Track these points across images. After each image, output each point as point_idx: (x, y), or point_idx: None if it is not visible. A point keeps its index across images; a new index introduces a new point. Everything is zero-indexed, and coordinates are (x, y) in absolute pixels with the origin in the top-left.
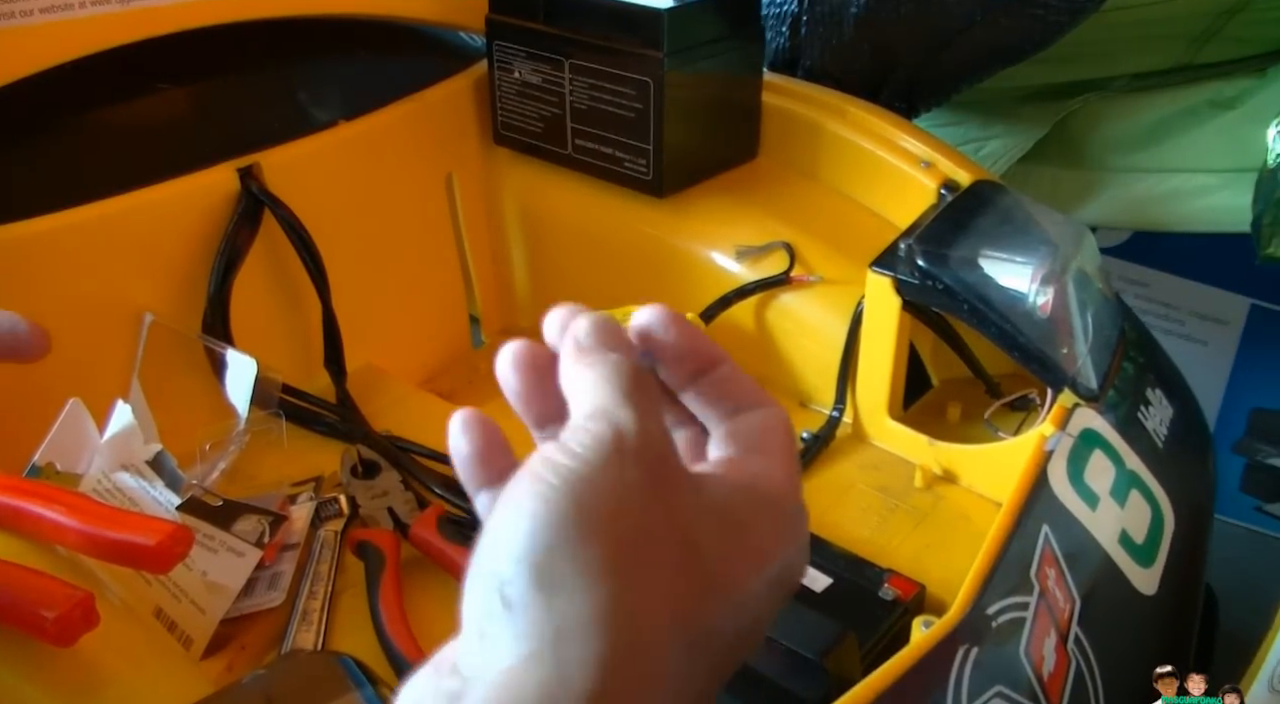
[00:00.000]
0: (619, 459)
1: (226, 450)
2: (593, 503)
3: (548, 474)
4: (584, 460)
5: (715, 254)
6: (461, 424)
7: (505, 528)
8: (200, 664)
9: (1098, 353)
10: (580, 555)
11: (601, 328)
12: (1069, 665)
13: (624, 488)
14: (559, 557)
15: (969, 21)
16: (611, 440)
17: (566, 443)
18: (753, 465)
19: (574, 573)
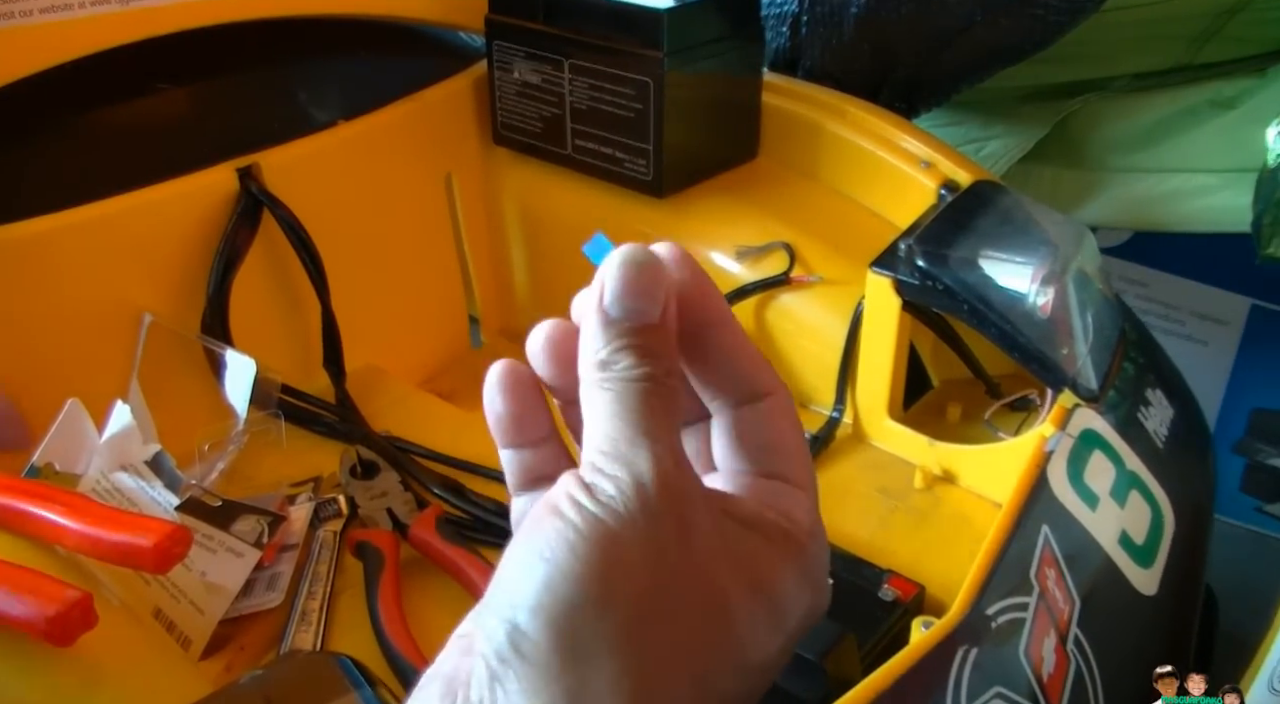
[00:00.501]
0: (647, 514)
1: (225, 451)
2: (620, 562)
3: (575, 520)
4: (612, 512)
5: (715, 254)
6: (499, 379)
7: (526, 569)
8: (199, 664)
9: (1098, 353)
10: (604, 619)
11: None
12: (1069, 666)
13: (653, 545)
14: (581, 617)
15: (969, 21)
16: (636, 493)
17: (592, 488)
18: (769, 497)
19: (594, 637)
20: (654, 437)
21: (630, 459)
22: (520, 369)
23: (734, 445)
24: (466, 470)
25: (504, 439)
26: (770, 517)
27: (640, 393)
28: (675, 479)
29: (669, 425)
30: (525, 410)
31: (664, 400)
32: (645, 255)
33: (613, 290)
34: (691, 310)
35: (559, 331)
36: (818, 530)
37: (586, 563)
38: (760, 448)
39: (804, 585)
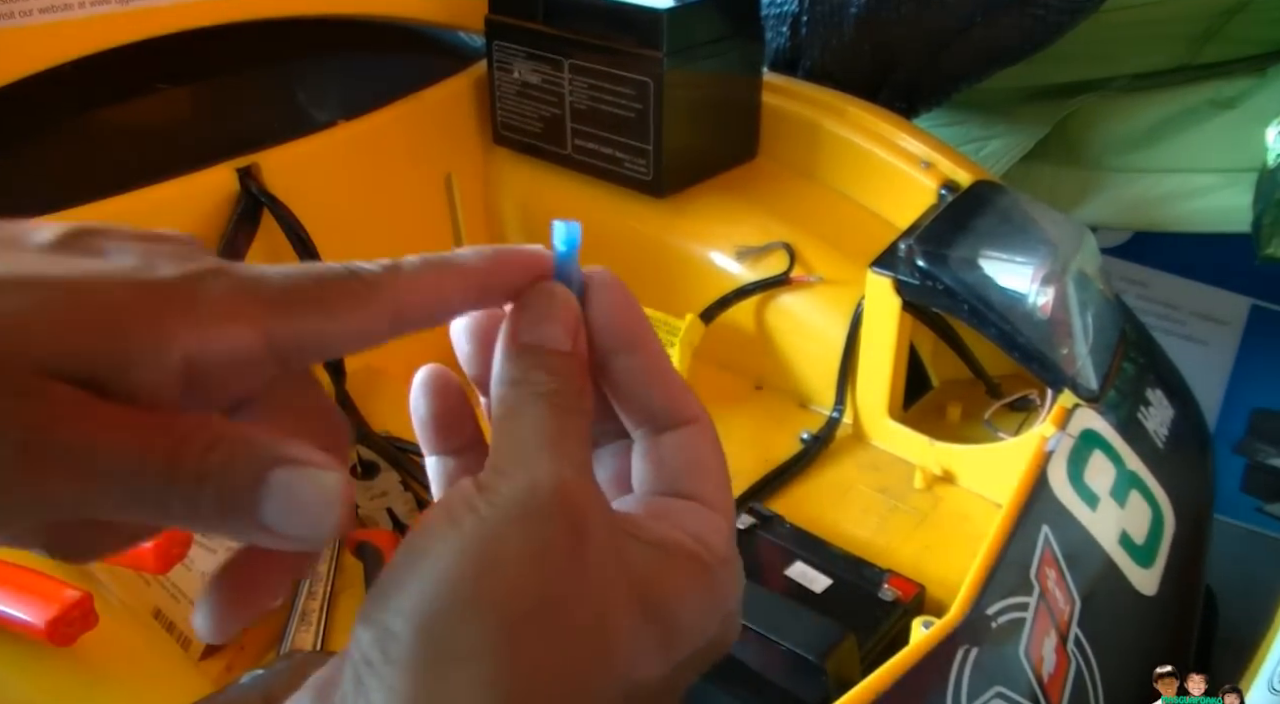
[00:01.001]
0: (536, 516)
1: None
2: (499, 563)
3: (462, 519)
4: (500, 513)
5: (715, 254)
6: (423, 383)
7: (403, 570)
8: (199, 664)
9: (1098, 353)
10: (475, 621)
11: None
12: (1069, 666)
13: (538, 549)
14: (450, 619)
15: (969, 21)
16: (528, 494)
17: (485, 489)
18: (678, 517)
19: (463, 640)
20: (557, 446)
21: (529, 464)
22: (445, 373)
23: (651, 468)
24: None
25: (428, 445)
26: (678, 537)
27: (548, 406)
28: (573, 486)
29: (575, 439)
30: (449, 415)
31: (573, 416)
32: (558, 287)
33: (525, 317)
34: (612, 335)
35: (483, 317)
36: (732, 558)
37: (463, 564)
38: (678, 471)
39: (709, 613)
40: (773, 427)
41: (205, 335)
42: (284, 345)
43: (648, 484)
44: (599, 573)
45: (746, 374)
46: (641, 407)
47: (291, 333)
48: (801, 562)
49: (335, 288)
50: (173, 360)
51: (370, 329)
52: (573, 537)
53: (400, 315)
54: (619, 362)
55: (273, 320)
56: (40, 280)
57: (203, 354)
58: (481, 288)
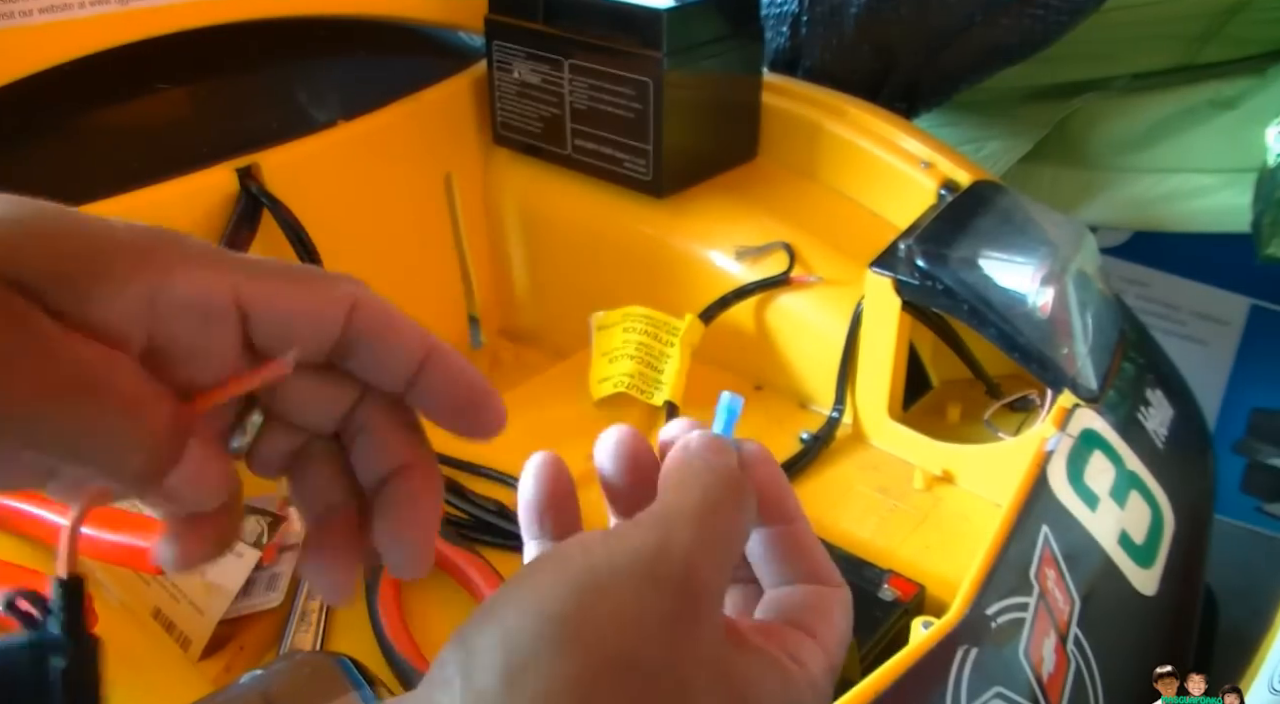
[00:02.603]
0: (651, 580)
1: None
2: (599, 611)
3: (575, 559)
4: (611, 565)
5: (715, 254)
6: (537, 466)
7: (503, 598)
8: (198, 665)
9: (1097, 353)
10: (559, 661)
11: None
12: (1068, 666)
13: (642, 610)
14: (537, 653)
15: (969, 21)
16: (650, 555)
17: (613, 535)
18: (785, 639)
19: (544, 676)
20: (706, 521)
21: (674, 525)
22: (558, 460)
23: (777, 598)
24: (466, 471)
25: (529, 527)
26: (779, 654)
27: (719, 486)
28: (703, 562)
29: (726, 528)
30: (557, 500)
31: (735, 512)
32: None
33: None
34: (769, 505)
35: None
36: (823, 690)
37: (564, 598)
38: (802, 607)
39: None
40: (773, 427)
41: (174, 276)
42: (249, 302)
43: (768, 611)
44: (693, 652)
45: (746, 374)
46: (789, 566)
47: (258, 292)
48: None
49: (302, 268)
50: (140, 296)
51: (325, 318)
52: (683, 608)
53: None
54: (781, 529)
55: (241, 276)
56: (29, 203)
57: (169, 292)
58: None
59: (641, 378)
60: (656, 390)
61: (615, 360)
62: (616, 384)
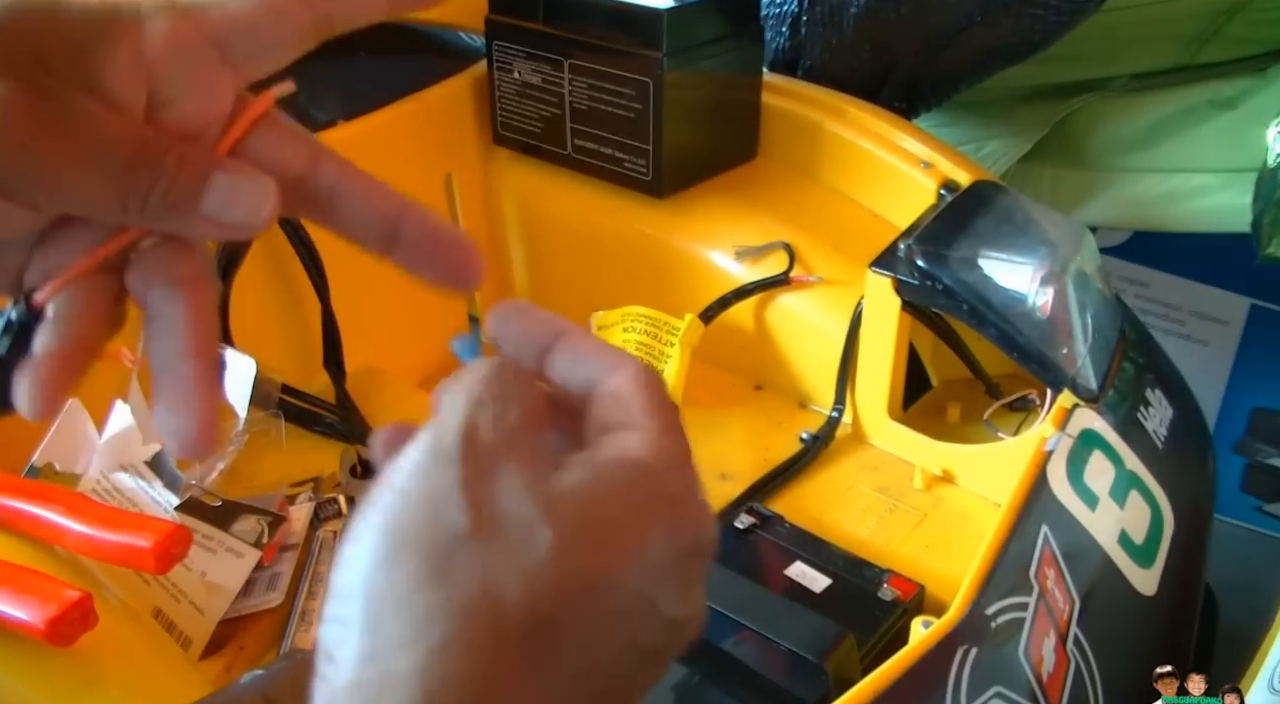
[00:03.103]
0: (435, 464)
1: (225, 451)
2: (406, 512)
3: (373, 494)
4: (400, 473)
5: (715, 254)
6: None
7: (339, 557)
8: (199, 665)
9: (1097, 353)
10: (396, 576)
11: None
12: (1068, 666)
13: (438, 493)
14: (378, 566)
15: (969, 21)
16: (430, 446)
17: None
18: (615, 444)
19: (391, 594)
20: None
21: (441, 421)
22: None
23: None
24: None
25: None
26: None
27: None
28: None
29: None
30: None
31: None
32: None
33: None
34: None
35: None
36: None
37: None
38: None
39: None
40: (772, 427)
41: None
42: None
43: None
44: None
45: (746, 374)
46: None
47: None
48: (801, 561)
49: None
50: (128, 59)
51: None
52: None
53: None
54: (554, 354)
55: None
56: None
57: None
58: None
59: None
60: None
61: None
62: None
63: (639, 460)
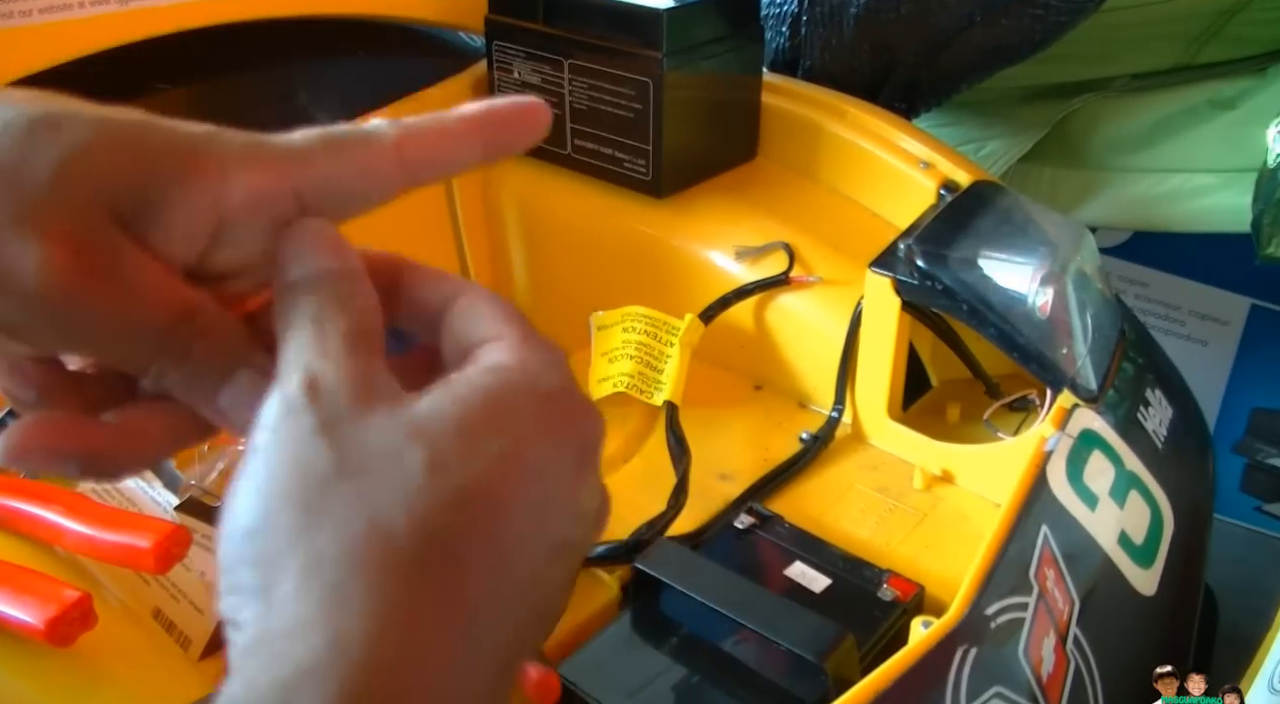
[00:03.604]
0: (290, 415)
1: (225, 451)
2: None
3: (242, 464)
4: (263, 439)
5: (714, 254)
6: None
7: (221, 530)
8: (198, 665)
9: (1097, 353)
10: (277, 530)
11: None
12: (1068, 666)
13: (298, 444)
14: (262, 542)
15: (969, 21)
16: (280, 404)
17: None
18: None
19: (276, 549)
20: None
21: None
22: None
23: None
24: None
25: None
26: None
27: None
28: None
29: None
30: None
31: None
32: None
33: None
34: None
35: None
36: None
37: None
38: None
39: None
40: (772, 427)
41: (230, 178)
42: (303, 189)
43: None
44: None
45: (746, 374)
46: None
47: (307, 176)
48: (801, 561)
49: (340, 135)
50: (205, 204)
51: (379, 170)
52: (328, 420)
53: (407, 160)
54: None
55: (289, 165)
56: (102, 117)
57: (229, 197)
58: (483, 131)
59: (641, 378)
60: (656, 390)
61: (615, 360)
62: (616, 384)
63: (504, 365)
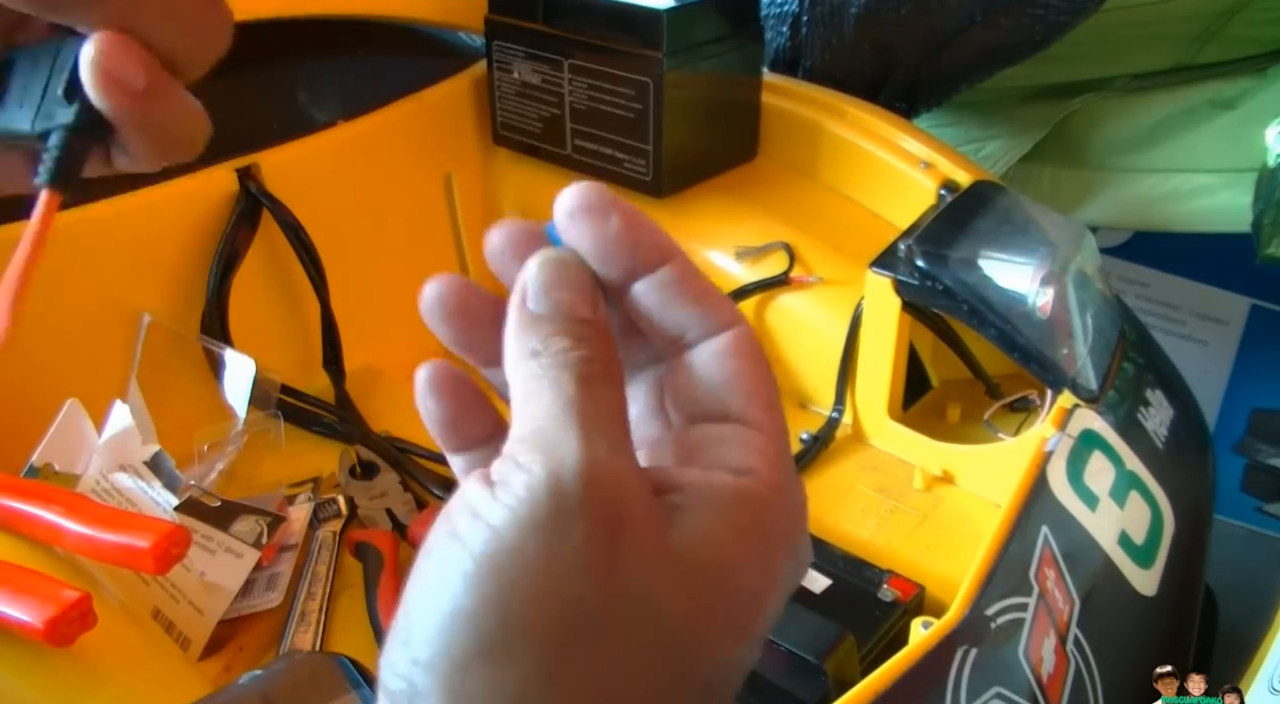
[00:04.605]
0: (561, 515)
1: (225, 451)
2: (523, 590)
3: (469, 538)
4: (514, 519)
5: (715, 255)
6: (426, 383)
7: (416, 610)
8: (198, 665)
9: (1097, 354)
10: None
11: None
12: (1068, 666)
13: (567, 558)
14: (479, 673)
15: (969, 21)
16: (548, 490)
17: (497, 487)
18: (720, 448)
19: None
20: (587, 421)
21: (553, 444)
22: (448, 367)
23: (684, 390)
24: None
25: (447, 445)
26: (719, 480)
27: (575, 378)
28: (606, 469)
29: (609, 413)
30: (462, 411)
31: (605, 387)
32: (567, 252)
33: (536, 288)
34: (633, 258)
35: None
36: (785, 483)
37: (481, 593)
38: (713, 387)
39: (771, 563)
40: None
41: None
42: None
43: (682, 410)
44: (643, 571)
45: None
46: (674, 323)
47: None
48: None
49: None
50: None
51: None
52: (606, 533)
53: None
54: (645, 284)
55: None
56: None
57: None
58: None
59: None
60: None
61: None
62: None
63: (749, 493)
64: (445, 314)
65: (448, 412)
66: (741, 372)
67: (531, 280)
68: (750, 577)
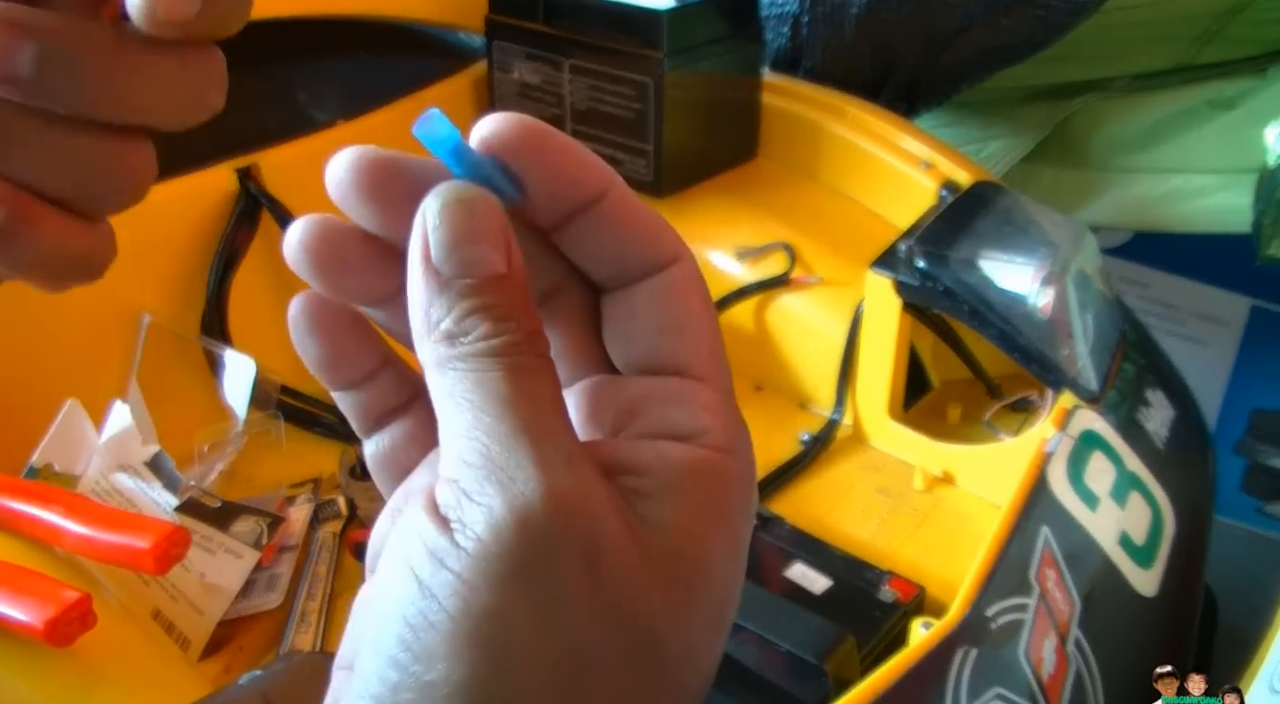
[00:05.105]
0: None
1: (224, 451)
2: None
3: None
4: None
5: (715, 255)
6: (301, 320)
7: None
8: (198, 665)
9: (1098, 354)
10: None
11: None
12: (1068, 667)
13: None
14: None
15: (969, 21)
16: (515, 531)
17: (454, 527)
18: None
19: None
20: (536, 434)
21: (507, 473)
22: (325, 301)
23: (621, 338)
24: None
25: (329, 382)
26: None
27: (508, 373)
28: (570, 494)
29: (549, 411)
30: (342, 348)
31: (537, 378)
32: (473, 191)
33: (441, 241)
34: (564, 188)
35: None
36: (738, 437)
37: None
38: (652, 334)
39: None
40: (773, 427)
41: None
42: None
43: (619, 354)
44: (627, 588)
45: (746, 375)
46: (613, 259)
47: None
48: (801, 563)
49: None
50: None
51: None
52: (586, 561)
53: None
54: (584, 221)
55: None
56: None
57: None
58: None
59: None
60: None
61: None
62: None
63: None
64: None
65: (325, 351)
66: (686, 314)
67: (434, 232)
68: (723, 566)
